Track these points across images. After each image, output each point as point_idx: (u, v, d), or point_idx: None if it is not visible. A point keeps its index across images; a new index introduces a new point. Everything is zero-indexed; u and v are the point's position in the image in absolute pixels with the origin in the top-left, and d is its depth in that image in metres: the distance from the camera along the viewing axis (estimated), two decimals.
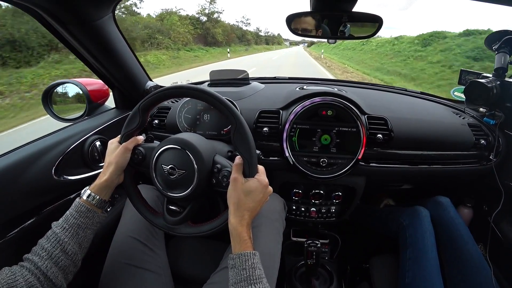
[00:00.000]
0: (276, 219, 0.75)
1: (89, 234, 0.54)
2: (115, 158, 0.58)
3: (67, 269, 0.50)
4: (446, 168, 0.95)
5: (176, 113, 0.94)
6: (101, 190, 0.57)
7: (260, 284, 0.46)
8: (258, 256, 0.50)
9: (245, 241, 0.50)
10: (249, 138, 0.54)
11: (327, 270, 1.05)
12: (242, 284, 0.46)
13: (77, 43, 0.74)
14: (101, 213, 0.57)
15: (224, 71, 1.15)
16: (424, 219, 0.85)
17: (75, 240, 0.52)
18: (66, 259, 0.50)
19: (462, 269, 0.77)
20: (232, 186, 0.53)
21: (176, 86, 0.59)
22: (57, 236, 0.50)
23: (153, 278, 0.64)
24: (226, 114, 0.55)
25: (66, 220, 0.53)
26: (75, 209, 0.54)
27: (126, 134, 0.61)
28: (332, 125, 0.88)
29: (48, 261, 0.48)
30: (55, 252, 0.49)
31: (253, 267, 0.47)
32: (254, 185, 0.53)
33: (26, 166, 0.67)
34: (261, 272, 0.48)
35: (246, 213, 0.52)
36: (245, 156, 0.54)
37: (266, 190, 0.56)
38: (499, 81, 0.90)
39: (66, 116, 0.97)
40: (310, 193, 0.98)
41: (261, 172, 0.57)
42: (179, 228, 0.60)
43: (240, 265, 0.48)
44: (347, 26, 0.72)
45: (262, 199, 0.55)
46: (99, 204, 0.56)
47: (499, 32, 0.92)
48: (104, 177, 0.57)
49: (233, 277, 0.48)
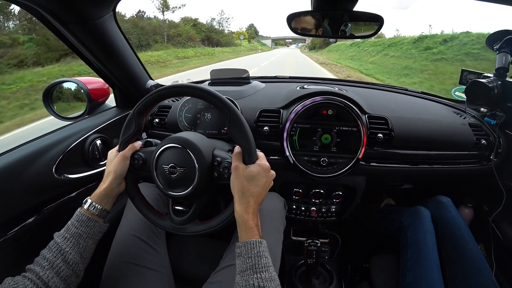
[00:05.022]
0: (276, 218, 0.76)
1: (90, 244, 0.54)
2: (114, 167, 0.58)
3: (69, 280, 0.50)
4: (447, 168, 0.95)
5: (176, 112, 0.94)
6: (101, 199, 0.57)
7: (266, 273, 0.46)
8: (265, 244, 0.49)
9: (251, 229, 0.50)
10: (245, 126, 0.55)
11: (327, 269, 1.04)
12: (248, 273, 0.46)
13: (78, 42, 0.74)
14: (102, 222, 0.57)
15: (225, 70, 1.16)
16: (425, 219, 0.85)
17: (76, 249, 0.51)
18: (67, 269, 0.49)
19: (463, 269, 0.77)
20: (234, 175, 0.53)
21: (167, 86, 0.59)
22: (59, 246, 0.50)
23: (154, 276, 0.65)
24: (219, 106, 0.55)
25: (68, 230, 0.53)
26: (76, 219, 0.54)
27: (123, 141, 0.61)
28: (332, 125, 0.88)
29: (50, 271, 0.47)
30: (56, 262, 0.49)
31: (259, 255, 0.47)
32: (255, 170, 0.53)
33: (27, 165, 0.67)
34: (268, 261, 0.48)
35: (251, 200, 0.52)
36: (243, 144, 0.54)
37: (269, 173, 0.56)
38: (500, 81, 0.90)
39: (67, 115, 0.97)
40: (310, 193, 0.98)
41: (261, 157, 0.57)
42: (187, 227, 0.59)
43: (246, 254, 0.47)
44: (348, 26, 0.72)
45: (266, 183, 0.55)
46: (100, 213, 0.56)
47: (500, 32, 0.92)
48: (104, 186, 0.57)
49: (239, 266, 0.48)
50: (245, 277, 0.45)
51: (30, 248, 0.51)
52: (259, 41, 60.96)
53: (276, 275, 0.47)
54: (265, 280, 0.45)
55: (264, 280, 0.44)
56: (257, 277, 0.45)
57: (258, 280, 0.44)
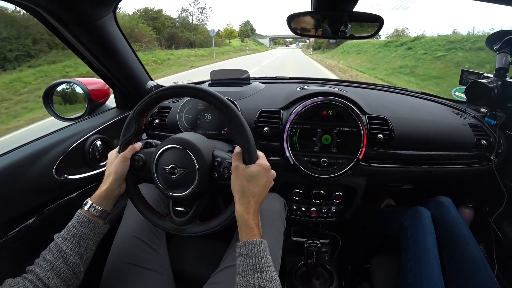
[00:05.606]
0: (276, 218, 0.75)
1: (91, 245, 0.54)
2: (114, 168, 0.58)
3: (69, 281, 0.50)
4: (447, 168, 0.95)
5: (176, 113, 0.94)
6: (101, 201, 0.57)
7: (267, 273, 0.45)
8: (266, 244, 0.49)
9: (252, 229, 0.50)
10: (244, 126, 0.55)
11: (328, 270, 1.04)
12: (249, 273, 0.46)
13: (78, 43, 0.74)
14: (102, 223, 0.57)
15: (225, 70, 1.16)
16: (425, 219, 0.85)
17: (77, 251, 0.51)
18: (67, 270, 0.49)
19: (464, 269, 0.77)
20: (234, 175, 0.53)
21: (168, 87, 0.59)
22: (59, 247, 0.50)
23: (154, 277, 0.64)
24: (219, 106, 0.55)
25: (68, 231, 0.53)
26: (76, 220, 0.54)
27: (123, 142, 0.61)
28: (332, 125, 0.88)
29: (50, 272, 0.47)
30: (57, 263, 0.49)
31: (259, 255, 0.47)
32: (255, 169, 0.53)
33: (27, 165, 0.67)
34: (268, 261, 0.48)
35: (252, 199, 0.52)
36: (242, 144, 0.54)
37: (269, 173, 0.55)
38: (500, 82, 0.90)
39: (67, 116, 0.97)
40: (310, 193, 0.97)
41: (261, 157, 0.57)
42: (188, 228, 0.59)
43: (247, 254, 0.47)
44: (348, 26, 0.72)
45: (266, 183, 0.55)
46: (100, 215, 0.56)
47: (500, 32, 0.92)
48: (104, 187, 0.57)
49: (240, 266, 0.48)
50: (246, 277, 0.45)
51: (31, 249, 0.51)
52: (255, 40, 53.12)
53: (276, 275, 0.47)
54: (266, 280, 0.44)
55: (265, 280, 0.44)
56: (257, 277, 0.45)
57: (259, 280, 0.44)
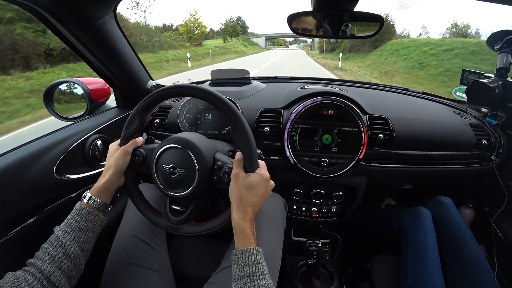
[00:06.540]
0: (277, 218, 0.75)
1: (91, 237, 0.54)
2: (115, 161, 0.58)
3: (70, 273, 0.50)
4: (448, 168, 0.95)
5: (177, 113, 0.94)
6: (101, 193, 0.57)
7: (263, 281, 0.46)
8: (262, 252, 0.50)
9: (248, 237, 0.50)
10: (248, 133, 0.54)
11: (328, 270, 1.04)
12: (245, 280, 0.46)
13: (79, 43, 0.74)
14: (102, 216, 0.57)
15: (226, 70, 1.15)
16: (426, 219, 0.85)
17: (77, 243, 0.52)
18: (68, 262, 0.50)
19: (464, 269, 0.77)
20: (233, 182, 0.53)
21: (174, 86, 0.59)
22: (59, 240, 0.50)
23: (155, 277, 0.65)
24: (224, 110, 0.55)
25: (68, 224, 0.53)
26: (76, 212, 0.54)
27: (125, 136, 0.61)
28: (333, 125, 0.88)
29: (51, 265, 0.48)
30: (57, 255, 0.49)
31: (256, 263, 0.47)
32: (255, 179, 0.53)
33: (28, 165, 0.67)
34: (264, 269, 0.48)
35: (249, 208, 0.52)
36: (245, 152, 0.54)
37: (268, 184, 0.56)
38: (501, 81, 0.90)
39: (68, 115, 0.97)
40: (311, 193, 0.97)
41: (262, 166, 0.57)
42: (183, 227, 0.60)
43: (243, 261, 0.47)
44: (348, 26, 0.72)
45: (265, 193, 0.55)
46: (99, 207, 0.56)
47: (501, 32, 0.92)
48: (103, 180, 0.57)
49: (236, 273, 0.48)
50: (242, 284, 0.46)
51: (31, 249, 0.51)
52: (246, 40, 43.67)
53: (272, 283, 0.48)
54: (262, 287, 0.45)
55: (262, 287, 0.45)
56: (254, 285, 0.45)
57: None
